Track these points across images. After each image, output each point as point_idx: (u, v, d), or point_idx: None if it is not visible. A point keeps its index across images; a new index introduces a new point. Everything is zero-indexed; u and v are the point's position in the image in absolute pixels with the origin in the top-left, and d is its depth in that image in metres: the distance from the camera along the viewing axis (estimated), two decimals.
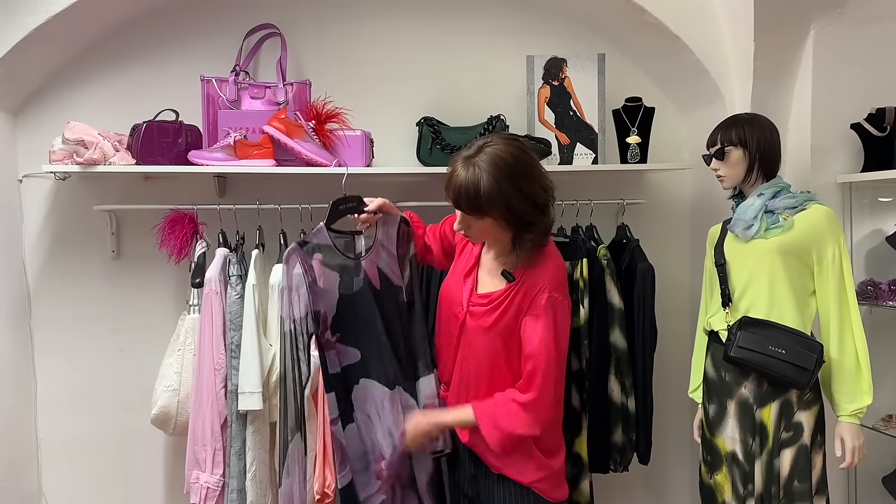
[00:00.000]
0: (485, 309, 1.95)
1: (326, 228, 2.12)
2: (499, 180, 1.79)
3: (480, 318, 1.95)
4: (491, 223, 1.86)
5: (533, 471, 1.97)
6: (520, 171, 1.82)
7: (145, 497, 2.83)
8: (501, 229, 1.88)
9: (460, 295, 2.01)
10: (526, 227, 1.86)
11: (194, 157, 2.47)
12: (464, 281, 2.02)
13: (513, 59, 2.80)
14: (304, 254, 2.06)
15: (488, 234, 1.91)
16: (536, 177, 1.86)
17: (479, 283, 2.02)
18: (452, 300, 2.03)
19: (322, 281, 2.07)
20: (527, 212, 1.83)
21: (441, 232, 2.23)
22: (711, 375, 2.31)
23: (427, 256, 2.27)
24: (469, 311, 1.98)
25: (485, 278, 2.01)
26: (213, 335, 2.41)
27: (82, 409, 2.79)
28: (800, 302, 2.18)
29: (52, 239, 2.76)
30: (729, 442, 2.24)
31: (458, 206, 1.86)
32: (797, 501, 2.14)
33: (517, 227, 1.86)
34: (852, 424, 2.14)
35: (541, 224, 1.88)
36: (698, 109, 2.92)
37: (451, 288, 2.07)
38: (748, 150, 2.20)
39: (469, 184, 1.79)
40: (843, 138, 2.64)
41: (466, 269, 2.04)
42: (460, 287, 2.03)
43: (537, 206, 1.85)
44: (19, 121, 2.71)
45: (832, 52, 2.60)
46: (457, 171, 1.83)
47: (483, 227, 1.88)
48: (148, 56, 2.76)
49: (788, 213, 2.17)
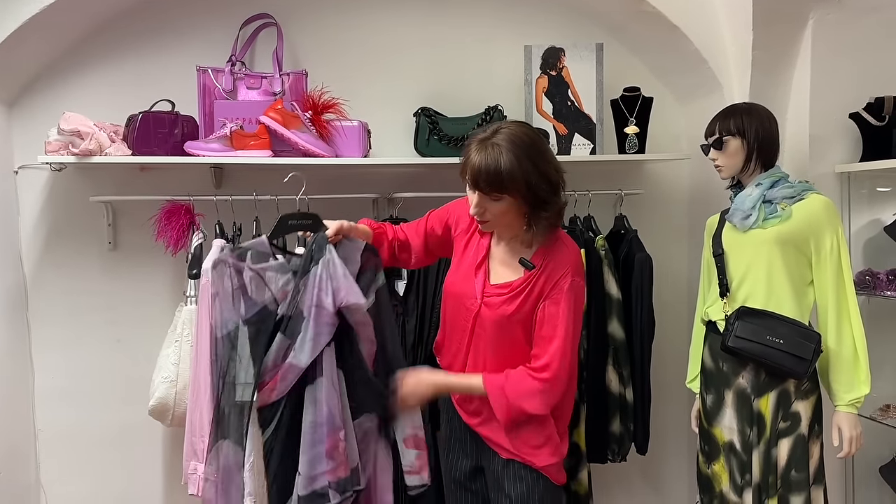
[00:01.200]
0: (504, 298, 1.94)
1: (268, 242, 1.98)
2: (518, 157, 1.80)
3: (500, 308, 1.94)
4: (508, 204, 1.85)
5: (548, 455, 1.97)
6: (536, 149, 1.85)
7: (143, 488, 2.84)
8: (517, 211, 1.88)
9: (472, 288, 1.99)
10: (542, 205, 1.87)
11: (190, 148, 2.46)
12: (475, 274, 2.01)
13: (510, 49, 2.78)
14: (235, 260, 1.91)
15: (504, 217, 1.89)
16: (550, 157, 1.89)
17: (491, 273, 2.00)
18: (463, 294, 2.01)
19: (252, 291, 1.92)
20: (543, 189, 1.84)
21: (427, 227, 2.16)
22: (709, 365, 2.31)
23: (401, 255, 2.17)
24: (484, 302, 1.96)
25: (497, 269, 2.00)
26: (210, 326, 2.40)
27: (80, 400, 2.79)
28: (798, 292, 2.18)
29: (48, 230, 2.75)
30: (726, 432, 2.24)
31: (478, 187, 1.84)
32: (794, 491, 2.14)
33: (534, 205, 1.86)
34: (850, 414, 2.15)
35: (555, 203, 1.89)
36: (696, 99, 2.92)
37: (458, 282, 2.04)
38: (746, 140, 2.19)
39: (490, 162, 1.80)
40: (842, 128, 2.63)
41: (477, 261, 2.02)
42: (471, 280, 2.00)
43: (552, 184, 1.87)
44: (14, 111, 2.69)
45: (831, 42, 2.59)
46: (474, 154, 1.84)
47: (500, 209, 1.87)
48: (144, 46, 2.74)
49: (787, 203, 2.16)
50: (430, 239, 2.17)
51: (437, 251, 2.20)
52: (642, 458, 2.75)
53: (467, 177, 1.86)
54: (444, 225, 2.14)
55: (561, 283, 1.90)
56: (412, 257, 2.19)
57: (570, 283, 1.90)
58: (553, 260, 1.93)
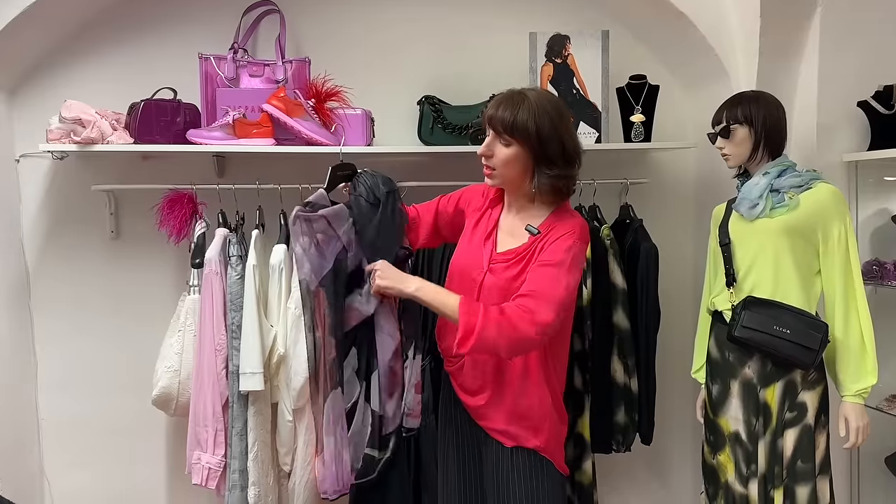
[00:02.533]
0: (507, 263, 1.94)
1: (327, 194, 2.18)
2: (538, 111, 1.86)
3: (503, 273, 1.94)
4: (515, 153, 1.88)
5: (548, 434, 1.97)
6: (558, 112, 1.90)
7: (147, 478, 2.84)
8: (524, 164, 1.90)
9: (479, 258, 2.00)
10: (548, 163, 1.89)
11: (193, 136, 2.45)
12: (483, 244, 2.02)
13: (515, 37, 2.76)
14: (308, 212, 2.08)
15: (509, 166, 1.91)
16: (568, 126, 1.93)
17: (498, 243, 2.01)
18: (470, 266, 2.01)
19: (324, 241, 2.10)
20: (553, 148, 1.87)
21: (439, 207, 2.22)
22: (715, 356, 2.30)
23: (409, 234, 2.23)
24: (489, 269, 1.96)
25: (505, 238, 2.01)
26: (213, 316, 2.39)
27: (83, 389, 2.79)
28: (805, 281, 2.16)
29: (50, 219, 2.74)
30: (732, 422, 2.23)
31: (492, 125, 1.90)
32: (800, 481, 2.14)
33: (540, 159, 1.89)
34: (856, 404, 2.13)
35: (564, 168, 1.91)
36: (703, 87, 2.89)
37: (465, 255, 2.06)
38: (754, 129, 2.18)
39: (510, 104, 1.87)
40: (850, 116, 2.61)
41: (486, 233, 2.03)
42: (479, 251, 2.02)
43: (564, 149, 1.89)
44: (15, 100, 2.68)
45: (839, 29, 2.56)
46: (498, 100, 1.92)
47: (506, 155, 1.89)
48: (145, 33, 2.72)
49: (794, 193, 2.15)
50: (441, 218, 2.21)
51: (444, 232, 2.23)
52: (647, 448, 2.74)
53: (485, 117, 1.93)
54: (455, 206, 2.19)
55: (562, 240, 1.89)
56: (420, 235, 2.23)
57: (572, 242, 1.89)
58: (558, 225, 1.94)
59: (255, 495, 2.39)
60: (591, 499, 2.56)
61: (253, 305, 2.35)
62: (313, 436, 2.39)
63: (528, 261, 1.92)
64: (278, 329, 2.40)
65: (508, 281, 1.92)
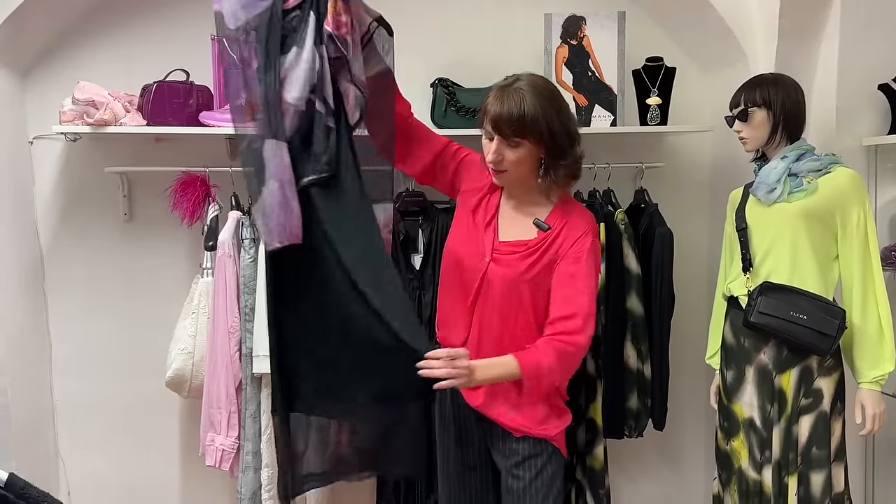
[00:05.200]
0: (516, 255, 1.91)
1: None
2: (540, 102, 1.82)
3: (510, 266, 1.91)
4: (527, 151, 1.85)
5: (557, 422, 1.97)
6: (556, 98, 1.88)
7: (161, 459, 2.85)
8: (534, 160, 1.88)
9: (481, 246, 1.95)
10: (560, 153, 1.87)
11: (206, 119, 2.44)
12: (483, 231, 1.97)
13: (530, 18, 2.72)
14: None
15: (521, 166, 1.87)
16: (567, 107, 1.92)
17: (500, 231, 1.97)
18: (469, 253, 1.96)
19: None
20: (562, 136, 1.85)
21: (450, 149, 2.08)
22: (730, 341, 2.28)
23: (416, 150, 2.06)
24: (493, 259, 1.93)
25: (507, 227, 1.97)
26: (226, 298, 2.40)
27: (97, 371, 2.80)
28: (822, 267, 2.14)
29: (64, 201, 2.75)
30: (746, 408, 2.22)
31: (498, 130, 1.83)
32: (815, 468, 2.13)
33: (553, 153, 1.86)
34: (873, 391, 2.12)
35: (572, 154, 1.90)
36: (721, 70, 2.85)
37: (465, 242, 1.99)
38: (772, 112, 2.15)
39: (513, 106, 1.81)
40: (870, 99, 2.57)
41: (486, 219, 1.99)
42: (479, 238, 1.96)
43: (570, 135, 1.88)
44: (28, 81, 2.67)
45: (861, 10, 2.52)
46: (494, 100, 1.85)
47: (518, 156, 1.85)
48: (158, 14, 2.70)
49: (812, 177, 2.12)
50: (443, 157, 2.08)
51: (439, 174, 2.09)
52: (659, 433, 2.73)
53: (488, 122, 1.85)
54: (457, 163, 2.08)
55: (582, 241, 1.89)
56: (420, 160, 2.07)
57: (591, 243, 1.90)
58: (570, 221, 1.92)
59: (268, 477, 2.41)
60: (602, 484, 2.56)
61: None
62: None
63: (539, 255, 1.90)
64: None
65: (520, 274, 1.90)
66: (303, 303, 1.80)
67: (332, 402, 1.88)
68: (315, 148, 1.73)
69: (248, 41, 1.75)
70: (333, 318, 1.75)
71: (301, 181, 1.70)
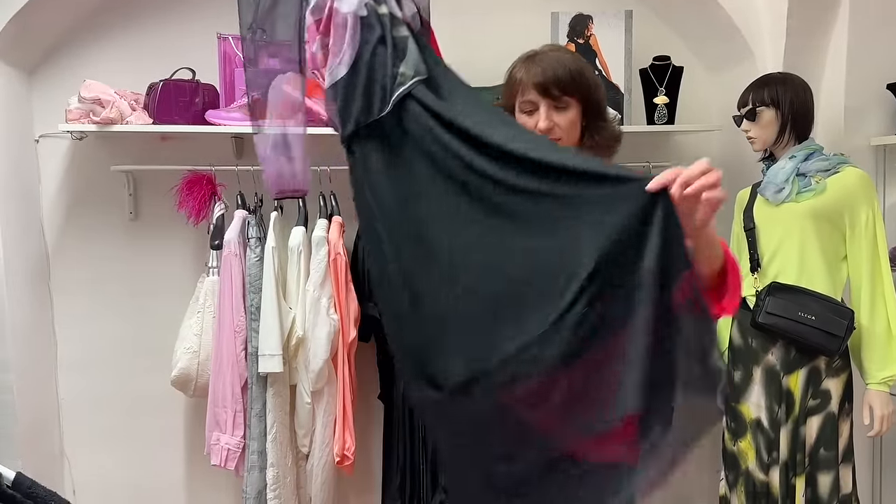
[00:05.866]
0: None
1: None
2: (575, 57, 1.70)
3: None
4: (574, 113, 1.66)
5: None
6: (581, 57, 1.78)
7: (166, 458, 2.85)
8: (578, 125, 1.68)
9: None
10: (600, 112, 1.70)
11: (211, 117, 2.44)
12: None
13: (536, 16, 2.71)
14: None
15: (573, 129, 1.68)
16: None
17: None
18: None
19: None
20: (600, 92, 1.69)
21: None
22: (737, 342, 2.27)
23: None
24: None
25: None
26: (232, 298, 2.39)
27: (103, 370, 2.80)
28: (831, 267, 2.13)
29: (69, 200, 2.74)
30: (754, 409, 2.21)
31: (546, 92, 1.64)
32: (823, 469, 2.12)
33: (593, 112, 1.68)
34: (881, 392, 2.11)
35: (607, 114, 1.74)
36: (728, 69, 2.84)
37: None
38: (780, 111, 2.14)
39: (555, 64, 1.64)
40: (879, 99, 2.55)
41: None
42: None
43: (602, 89, 1.71)
44: (34, 79, 2.67)
45: (869, 9, 2.50)
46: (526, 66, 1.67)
47: (568, 119, 1.65)
48: (164, 13, 2.70)
49: (821, 177, 2.11)
50: None
51: None
52: None
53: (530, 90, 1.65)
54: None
55: None
56: None
57: None
58: None
59: (273, 476, 2.40)
60: None
61: (272, 287, 2.35)
62: (331, 418, 2.41)
63: None
64: (297, 311, 2.40)
65: None
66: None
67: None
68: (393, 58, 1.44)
69: None
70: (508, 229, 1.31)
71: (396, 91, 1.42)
